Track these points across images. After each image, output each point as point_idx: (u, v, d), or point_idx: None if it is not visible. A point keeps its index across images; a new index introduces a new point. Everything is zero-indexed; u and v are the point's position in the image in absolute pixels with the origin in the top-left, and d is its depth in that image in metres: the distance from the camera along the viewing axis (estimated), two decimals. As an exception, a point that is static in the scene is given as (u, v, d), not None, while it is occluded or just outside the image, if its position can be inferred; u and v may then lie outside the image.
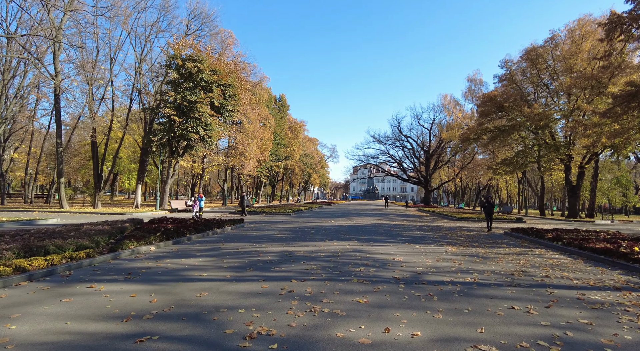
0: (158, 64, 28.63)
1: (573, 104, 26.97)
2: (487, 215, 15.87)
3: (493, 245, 11.76)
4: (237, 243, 10.57)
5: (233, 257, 8.28)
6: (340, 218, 23.22)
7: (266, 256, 8.46)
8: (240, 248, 9.61)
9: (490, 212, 15.82)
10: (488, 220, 15.82)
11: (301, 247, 10.12)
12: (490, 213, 15.80)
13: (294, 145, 53.65)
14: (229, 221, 15.63)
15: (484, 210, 16.14)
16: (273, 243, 10.81)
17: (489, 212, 15.86)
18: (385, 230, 16.05)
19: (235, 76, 29.07)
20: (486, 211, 15.98)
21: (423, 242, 11.82)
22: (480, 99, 32.97)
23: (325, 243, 10.86)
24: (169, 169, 28.73)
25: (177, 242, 10.48)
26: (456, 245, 11.42)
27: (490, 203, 16.09)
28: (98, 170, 27.47)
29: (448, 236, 14.05)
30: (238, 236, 12.48)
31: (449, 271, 7.21)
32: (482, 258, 8.96)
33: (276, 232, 13.82)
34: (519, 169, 31.46)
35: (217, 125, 28.19)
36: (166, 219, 14.29)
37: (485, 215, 15.94)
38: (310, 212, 31.76)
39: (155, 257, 8.27)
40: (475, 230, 17.32)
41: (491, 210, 15.86)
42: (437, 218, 27.26)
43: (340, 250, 9.68)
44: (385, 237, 13.24)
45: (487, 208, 15.99)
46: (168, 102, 26.22)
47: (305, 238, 12.20)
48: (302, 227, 16.15)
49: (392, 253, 9.34)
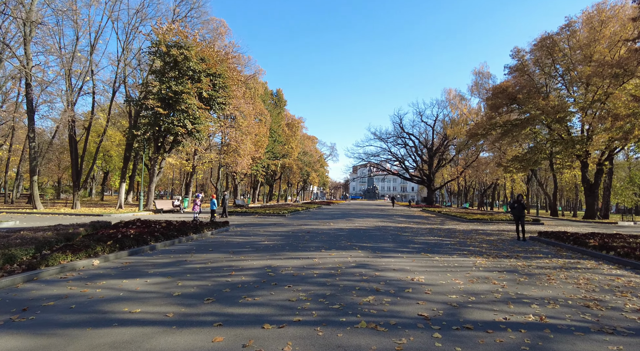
0: (142, 52, 26.38)
1: (592, 95, 24.81)
2: (517, 219, 13.14)
3: (526, 254, 9.63)
4: (210, 255, 8.42)
5: (195, 277, 6.13)
6: (340, 220, 21.08)
7: (240, 275, 6.30)
8: (210, 262, 7.46)
9: (521, 214, 13.07)
10: (518, 224, 13.12)
11: (290, 259, 7.97)
12: (520, 217, 13.05)
13: (291, 143, 51.48)
14: (211, 224, 13.49)
15: (512, 212, 13.41)
16: (256, 253, 8.65)
17: (520, 215, 13.11)
18: (393, 234, 13.90)
19: (227, 65, 26.91)
20: (516, 214, 13.24)
21: (441, 251, 9.67)
22: (490, 91, 30.80)
23: (321, 254, 8.71)
24: (154, 166, 26.54)
25: (134, 253, 8.33)
26: (482, 254, 9.28)
27: (521, 205, 13.18)
28: (77, 168, 25.29)
29: (467, 242, 11.92)
30: (216, 243, 10.33)
31: (494, 300, 5.07)
32: (525, 275, 6.82)
33: (264, 238, 11.66)
34: (533, 166, 29.33)
35: (207, 118, 26.04)
36: (135, 222, 12.14)
37: (515, 219, 13.25)
38: (308, 212, 29.62)
39: (91, 275, 6.12)
40: (493, 233, 15.22)
41: (522, 213, 13.09)
42: (446, 219, 25.11)
43: (339, 264, 7.52)
44: (394, 244, 11.09)
45: (516, 211, 13.23)
46: (152, 93, 24.05)
47: (298, 246, 10.04)
48: (295, 231, 13.99)
49: (407, 268, 7.19)
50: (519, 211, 13.07)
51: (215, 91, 26.07)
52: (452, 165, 63.86)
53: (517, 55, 29.79)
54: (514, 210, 13.21)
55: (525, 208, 13.46)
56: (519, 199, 13.36)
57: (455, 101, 46.84)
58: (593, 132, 26.27)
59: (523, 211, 13.10)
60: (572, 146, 26.06)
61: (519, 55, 29.78)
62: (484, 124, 31.72)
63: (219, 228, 13.44)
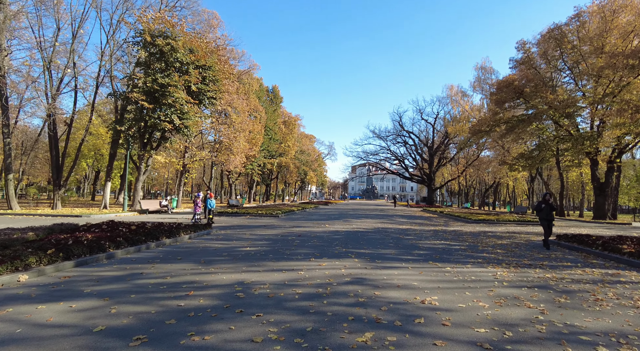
0: (126, 42, 24.85)
1: (604, 88, 23.42)
2: (545, 222, 10.52)
3: (551, 262, 8.23)
4: (175, 265, 6.98)
5: (139, 299, 4.69)
6: (336, 221, 19.65)
7: (198, 297, 4.86)
8: (170, 276, 6.02)
9: (550, 218, 10.48)
10: (546, 229, 10.50)
11: (270, 272, 6.54)
12: (549, 220, 10.48)
13: (288, 141, 50.02)
14: (190, 227, 12.04)
15: (538, 215, 10.71)
16: (231, 263, 7.22)
17: (549, 218, 10.48)
18: (394, 238, 12.47)
19: (217, 57, 25.43)
20: (543, 217, 10.54)
21: (452, 259, 8.25)
22: (494, 86, 29.39)
23: (309, 264, 7.28)
24: (141, 164, 25.06)
25: (82, 263, 6.88)
26: (500, 263, 7.87)
27: (549, 205, 10.53)
28: (57, 166, 23.79)
29: (479, 246, 10.50)
30: (190, 250, 8.89)
31: (539, 336, 3.65)
32: (563, 293, 5.41)
33: (247, 243, 10.22)
34: (539, 164, 27.96)
35: (196, 113, 24.57)
36: (101, 225, 10.69)
37: (542, 223, 10.61)
38: (304, 213, 28.18)
39: (5, 297, 4.68)
40: (504, 236, 13.82)
41: (551, 215, 10.53)
42: (449, 220, 23.70)
43: (330, 278, 6.10)
44: (396, 250, 9.66)
45: (544, 213, 10.53)
46: (137, 86, 22.56)
47: (284, 253, 8.61)
48: (285, 235, 12.55)
49: (415, 285, 5.76)
50: (547, 213, 10.51)
51: (205, 85, 24.60)
52: (452, 164, 62.54)
53: (523, 48, 28.38)
54: (541, 212, 10.62)
55: (555, 209, 10.76)
56: (547, 198, 10.71)
57: (457, 97, 45.44)
58: (604, 127, 24.90)
59: (552, 213, 10.55)
60: (582, 143, 24.68)
61: (524, 48, 28.36)
62: (487, 120, 30.31)
63: (200, 231, 11.99)
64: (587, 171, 35.81)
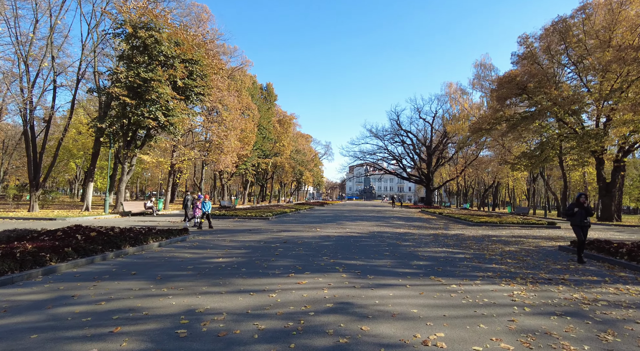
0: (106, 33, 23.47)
1: (612, 84, 22.29)
2: (579, 230, 8.41)
3: (572, 275, 7.03)
4: (121, 283, 5.72)
5: (37, 345, 3.43)
6: (329, 224, 18.42)
7: (123, 337, 3.60)
8: (105, 302, 4.75)
9: (586, 224, 8.36)
10: (580, 238, 8.43)
11: (233, 295, 5.29)
12: (585, 227, 8.38)
13: (283, 140, 48.72)
14: (164, 232, 10.77)
15: (571, 220, 8.52)
16: (191, 281, 5.96)
17: (585, 224, 8.35)
18: (390, 244, 11.25)
19: (205, 51, 24.15)
20: (577, 222, 8.41)
21: (457, 272, 7.03)
22: (496, 82, 28.23)
23: (286, 282, 6.03)
24: (124, 164, 23.74)
25: (6, 283, 5.61)
26: (514, 278, 6.66)
27: (586, 209, 8.38)
28: (35, 165, 22.44)
29: (485, 255, 9.29)
30: (151, 262, 7.63)
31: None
32: (603, 324, 4.19)
33: (221, 253, 8.97)
34: (543, 163, 26.82)
35: (183, 110, 23.27)
36: (55, 232, 9.41)
37: (575, 230, 8.46)
38: (297, 214, 26.94)
39: None
40: (510, 241, 12.64)
41: (588, 222, 8.40)
42: (449, 222, 22.51)
43: (307, 304, 4.85)
44: (391, 260, 8.43)
45: (578, 218, 8.39)
46: (120, 80, 21.24)
47: (260, 266, 7.37)
48: (269, 241, 11.30)
49: (414, 313, 4.53)
50: (583, 218, 8.33)
51: (192, 80, 23.31)
52: (451, 164, 61.43)
53: (525, 43, 27.25)
54: (574, 217, 8.43)
55: (591, 214, 8.55)
56: (581, 200, 8.44)
57: (456, 95, 44.33)
58: (610, 125, 23.78)
59: (588, 218, 8.42)
60: (587, 141, 23.55)
61: (527, 43, 27.24)
62: (488, 118, 29.18)
63: (173, 238, 10.73)
64: (591, 170, 34.73)
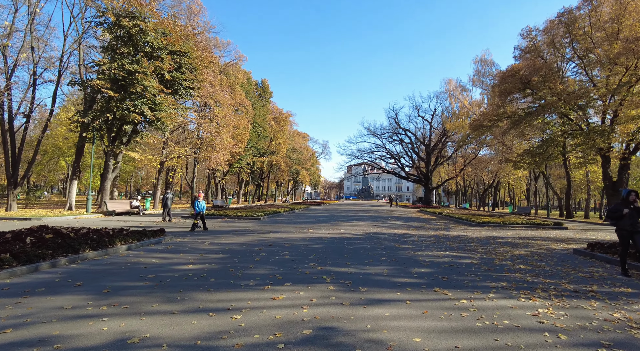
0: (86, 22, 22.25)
1: (620, 78, 21.32)
2: (627, 235, 6.97)
3: (601, 286, 6.00)
4: (54, 299, 4.63)
5: None
6: (322, 225, 17.34)
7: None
8: (13, 329, 3.66)
9: (636, 228, 6.85)
10: (625, 247, 7.08)
11: (187, 316, 4.20)
12: (635, 231, 6.85)
13: (279, 138, 47.63)
14: (137, 233, 9.68)
15: (616, 224, 7.12)
16: (142, 296, 4.87)
17: (636, 229, 6.86)
18: (387, 247, 10.18)
19: (194, 43, 23.04)
20: (625, 226, 6.96)
21: (464, 283, 5.97)
22: (498, 77, 27.19)
23: (257, 298, 4.95)
24: (109, 161, 22.60)
25: None
26: (533, 289, 5.62)
27: (637, 210, 6.89)
28: (13, 162, 21.27)
29: (494, 260, 8.24)
30: (108, 269, 6.54)
31: None
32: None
33: (195, 258, 7.87)
34: (547, 161, 25.84)
35: (170, 105, 22.16)
36: (4, 234, 8.31)
37: (621, 234, 7.08)
38: (290, 214, 25.86)
39: None
40: (518, 244, 11.61)
41: (637, 226, 6.89)
42: (449, 222, 21.48)
43: (278, 330, 3.77)
44: (389, 266, 7.36)
45: (629, 221, 6.92)
46: (104, 72, 20.11)
47: (234, 275, 6.28)
48: (253, 244, 10.20)
49: (416, 343, 3.45)
50: (634, 221, 6.86)
51: (181, 73, 22.22)
52: (450, 163, 60.43)
53: (529, 36, 26.25)
54: (622, 220, 6.98)
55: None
56: (631, 199, 6.95)
57: (456, 92, 43.28)
58: (617, 121, 22.80)
59: (639, 219, 6.92)
60: (593, 138, 22.57)
61: (530, 36, 26.24)
62: (489, 115, 28.17)
63: (146, 240, 9.63)
64: (595, 169, 33.82)
